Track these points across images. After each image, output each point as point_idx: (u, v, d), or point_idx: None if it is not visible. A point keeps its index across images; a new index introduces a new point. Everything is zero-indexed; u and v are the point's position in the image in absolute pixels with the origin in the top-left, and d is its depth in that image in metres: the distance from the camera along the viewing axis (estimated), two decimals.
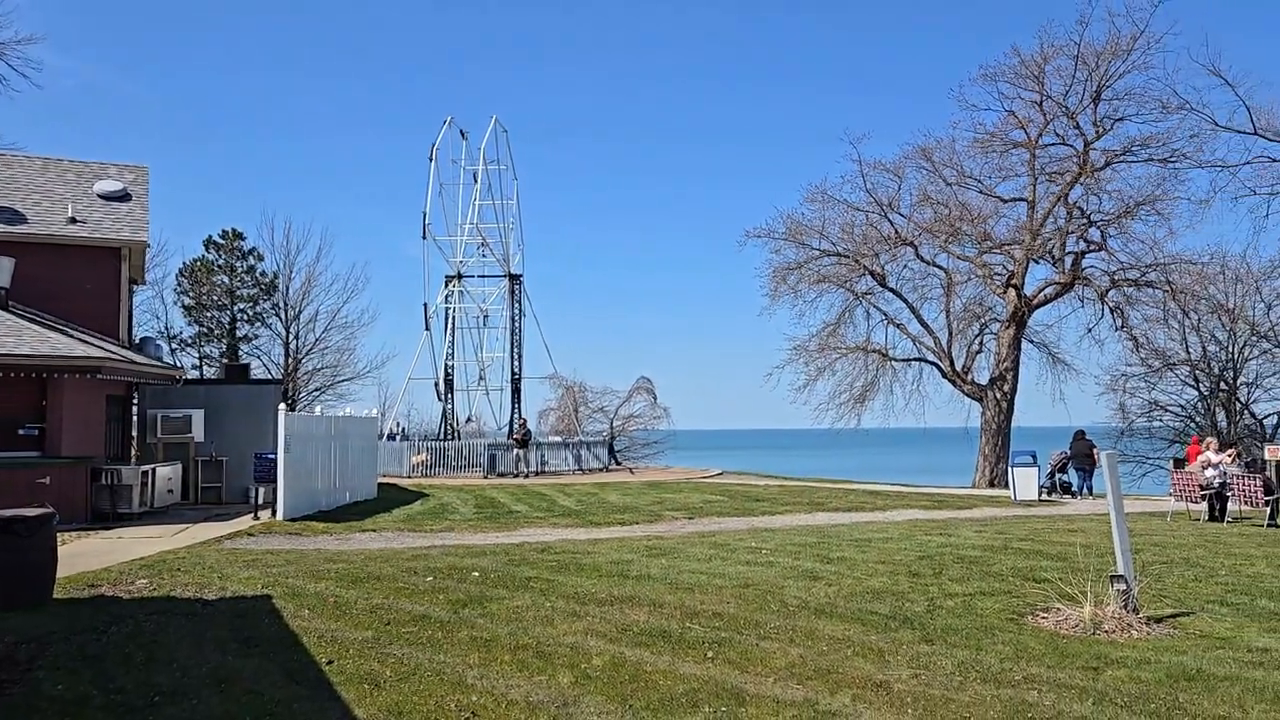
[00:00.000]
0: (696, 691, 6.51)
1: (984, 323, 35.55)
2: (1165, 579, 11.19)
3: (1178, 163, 31.21)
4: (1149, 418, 33.76)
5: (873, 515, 19.02)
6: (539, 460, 33.89)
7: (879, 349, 35.59)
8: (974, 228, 33.33)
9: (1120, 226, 32.13)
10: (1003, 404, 32.93)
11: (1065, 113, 31.95)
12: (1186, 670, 7.24)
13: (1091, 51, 30.93)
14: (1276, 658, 7.66)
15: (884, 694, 6.55)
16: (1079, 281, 32.72)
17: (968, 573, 11.55)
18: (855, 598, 9.94)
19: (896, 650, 7.77)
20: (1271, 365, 31.38)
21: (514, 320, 39.75)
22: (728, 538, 15.01)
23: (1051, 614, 9.13)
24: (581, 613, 9.02)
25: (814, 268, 35.56)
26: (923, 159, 34.41)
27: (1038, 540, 14.65)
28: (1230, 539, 15.14)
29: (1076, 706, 6.34)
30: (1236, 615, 9.27)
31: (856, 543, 14.34)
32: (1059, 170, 32.95)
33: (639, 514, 19.03)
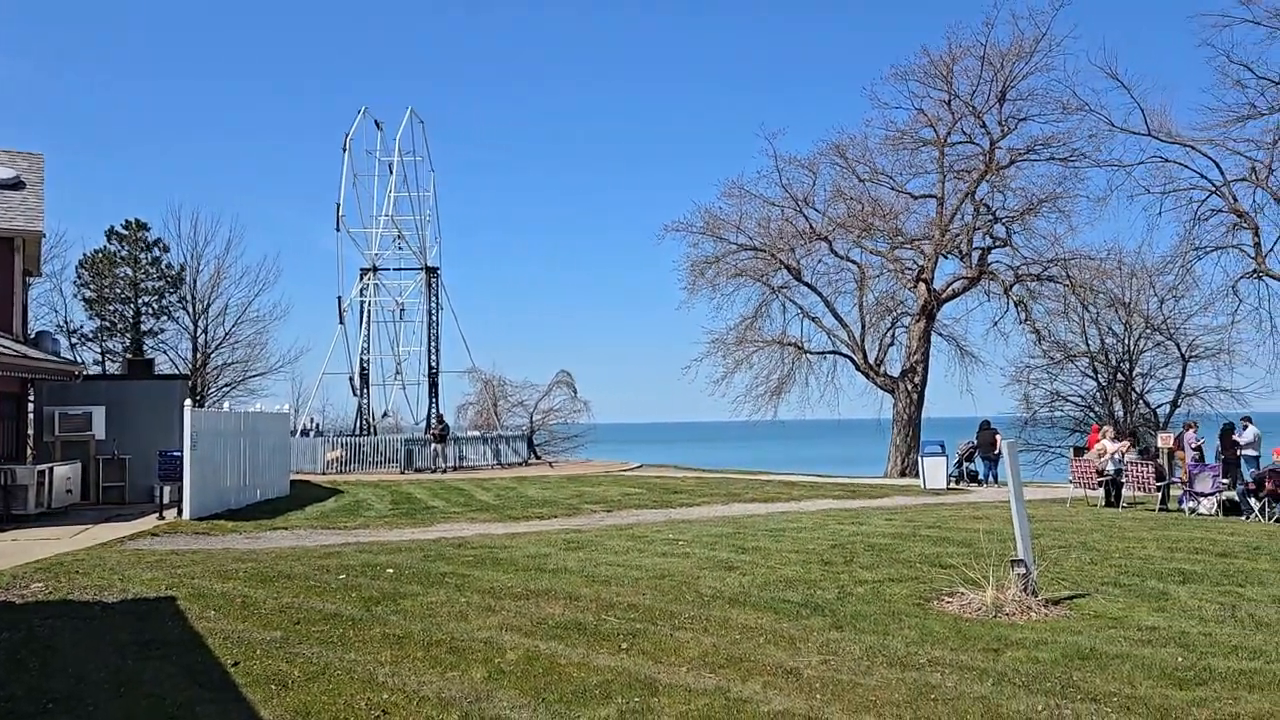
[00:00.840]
0: (610, 683, 6.56)
1: (896, 316, 36.42)
2: (1063, 562, 11.63)
3: (1077, 162, 32.46)
4: (1051, 408, 34.99)
5: (788, 505, 19.33)
6: (457, 455, 33.59)
7: (795, 342, 36.18)
8: (886, 223, 34.08)
9: (1024, 223, 33.27)
10: (913, 395, 33.78)
11: (972, 112, 32.88)
12: (1081, 649, 7.55)
13: (997, 53, 31.93)
14: (1164, 635, 8.04)
15: (794, 680, 6.69)
16: (985, 276, 33.74)
17: (877, 560, 11.84)
18: (769, 587, 10.10)
19: (807, 637, 7.93)
20: (1164, 357, 32.86)
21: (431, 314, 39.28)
22: (645, 530, 15.10)
23: (956, 598, 9.42)
24: (497, 607, 8.99)
25: (731, 261, 35.95)
26: (837, 155, 35.08)
27: (945, 527, 15.08)
28: (1124, 523, 15.82)
29: (977, 687, 6.56)
30: (1128, 596, 9.69)
31: (771, 533, 14.57)
32: (966, 168, 33.91)
33: (557, 508, 19.01)
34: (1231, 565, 11.42)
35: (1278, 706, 6.14)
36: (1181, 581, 10.39)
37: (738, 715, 5.91)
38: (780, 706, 6.08)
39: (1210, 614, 8.82)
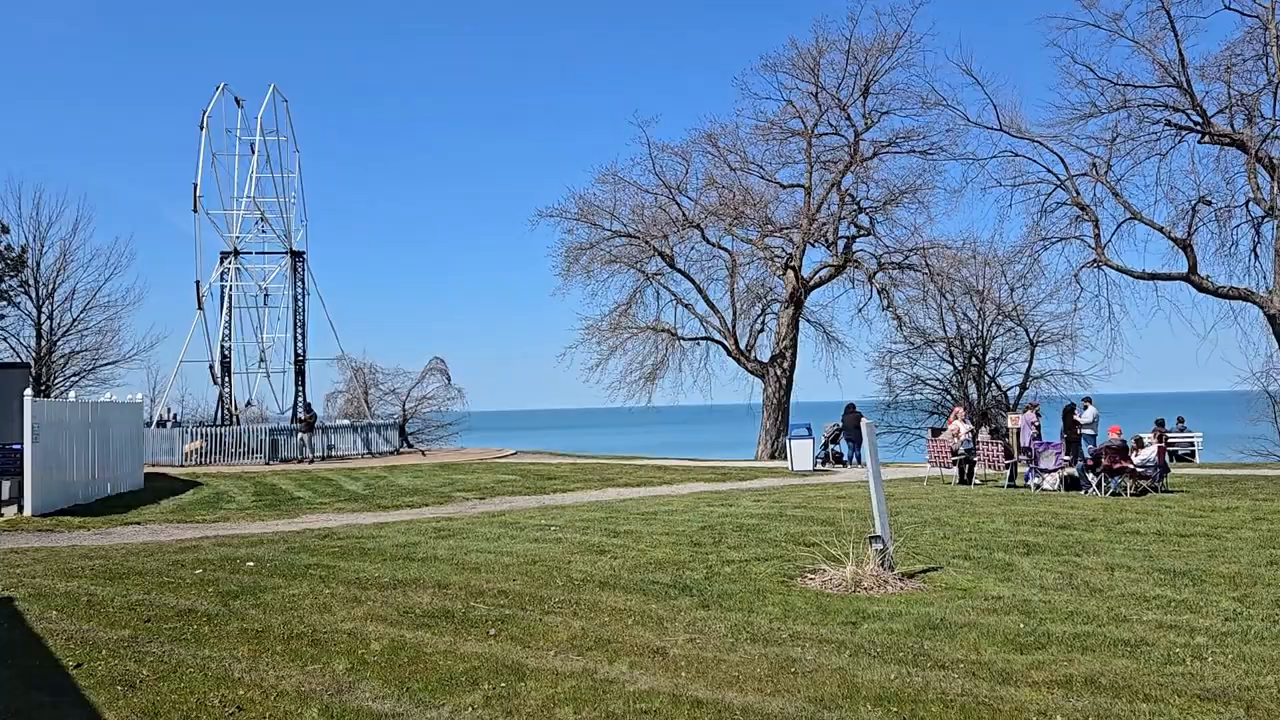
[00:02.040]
0: (477, 669, 6.52)
1: (766, 303, 37.19)
2: (919, 538, 12.17)
3: (935, 155, 33.81)
4: (912, 391, 36.34)
5: (660, 489, 19.58)
6: (325, 445, 32.68)
7: (668, 328, 36.52)
8: (756, 212, 34.74)
9: (886, 213, 34.51)
10: (783, 380, 34.62)
11: (838, 104, 33.82)
12: (932, 620, 7.92)
13: (861, 48, 32.91)
14: (1008, 604, 8.51)
15: (660, 659, 6.79)
16: (850, 264, 34.83)
17: (745, 540, 12.12)
18: (639, 569, 10.22)
19: (675, 617, 8.07)
20: (1014, 342, 34.59)
21: (297, 299, 38.01)
22: (518, 516, 15.05)
23: (818, 575, 9.74)
24: (362, 598, 8.81)
25: (606, 248, 35.99)
26: (709, 144, 35.53)
27: (810, 507, 15.56)
28: (976, 500, 16.65)
29: (835, 659, 6.81)
30: (977, 568, 10.22)
31: (643, 516, 14.73)
32: (833, 159, 34.86)
33: (429, 496, 18.75)
34: (1070, 536, 12.16)
35: (1107, 666, 6.59)
36: (1025, 553, 11.01)
37: (603, 696, 5.97)
38: (646, 685, 6.17)
39: (1050, 583, 9.38)
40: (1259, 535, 12.06)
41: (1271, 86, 28.61)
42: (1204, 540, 11.74)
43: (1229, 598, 8.60)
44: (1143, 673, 6.44)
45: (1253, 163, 28.79)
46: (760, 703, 5.85)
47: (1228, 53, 29.35)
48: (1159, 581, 9.33)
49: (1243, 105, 29.25)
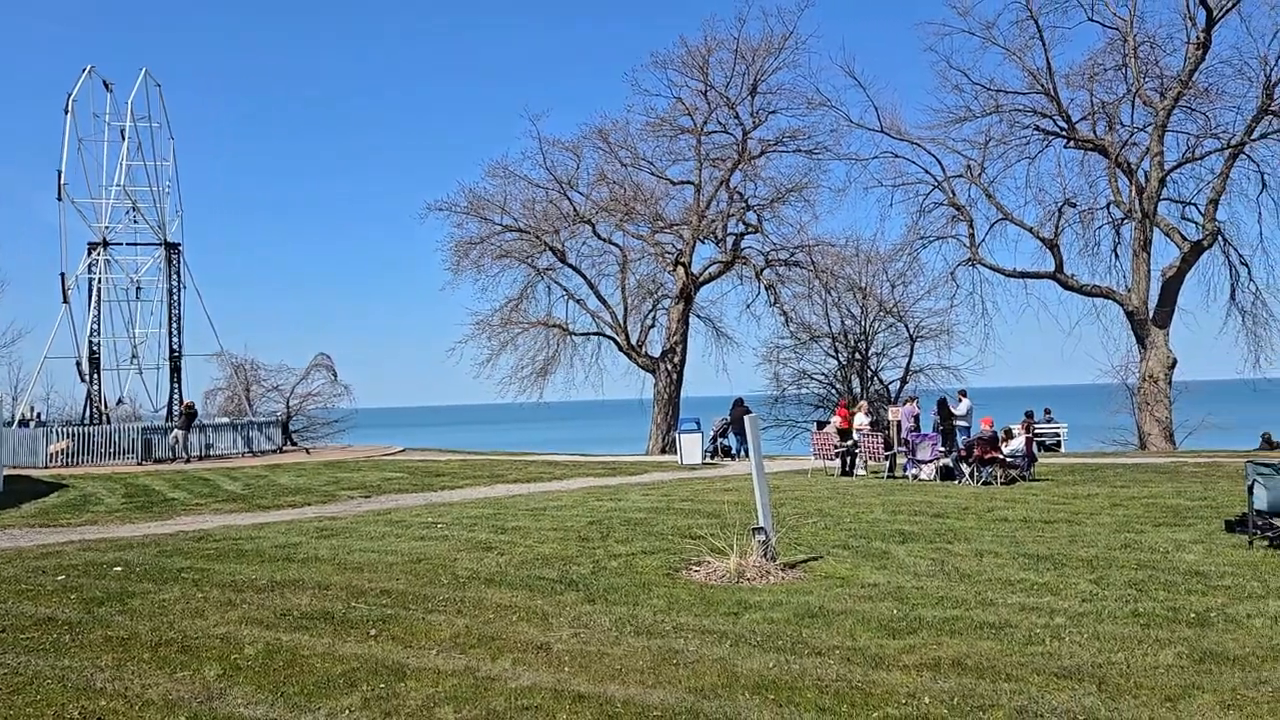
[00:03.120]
0: (356, 671, 6.40)
1: (657, 299, 37.49)
2: (801, 528, 12.48)
3: (820, 154, 34.70)
4: (798, 385, 37.16)
5: (550, 485, 19.54)
6: (203, 444, 31.45)
7: (560, 324, 36.46)
8: (647, 208, 34.97)
9: (773, 211, 35.21)
10: (673, 375, 34.97)
11: (727, 103, 34.30)
12: (811, 608, 8.14)
13: (749, 47, 33.47)
14: (883, 591, 8.80)
15: (544, 655, 6.80)
16: (739, 261, 35.40)
17: (632, 534, 12.21)
18: (526, 565, 10.19)
19: (560, 612, 8.08)
20: (895, 337, 35.77)
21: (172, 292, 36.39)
22: (404, 514, 14.81)
23: (703, 567, 9.89)
24: (237, 601, 8.54)
25: (496, 242, 35.69)
26: (600, 139, 35.58)
27: (697, 500, 15.76)
28: (857, 490, 17.15)
29: (716, 649, 6.93)
30: (855, 557, 10.54)
31: (532, 512, 14.68)
32: (721, 156, 35.35)
33: (312, 495, 18.26)
34: (944, 525, 12.66)
35: (973, 648, 6.89)
36: (901, 541, 11.41)
37: (485, 693, 5.94)
38: (528, 682, 6.17)
39: (923, 569, 9.75)
40: (1115, 520, 12.78)
41: (1130, 95, 30.32)
42: (1066, 526, 12.38)
43: (1086, 580, 9.09)
44: (1005, 653, 6.75)
45: (1113, 167, 30.46)
46: (641, 695, 5.92)
47: (1091, 62, 31.03)
48: (1023, 566, 9.80)
49: (1104, 113, 30.93)
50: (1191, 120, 30.76)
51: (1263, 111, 28.18)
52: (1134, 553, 10.40)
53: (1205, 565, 9.62)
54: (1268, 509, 10.72)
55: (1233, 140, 29.13)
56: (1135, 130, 30.99)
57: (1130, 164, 30.26)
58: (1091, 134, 30.94)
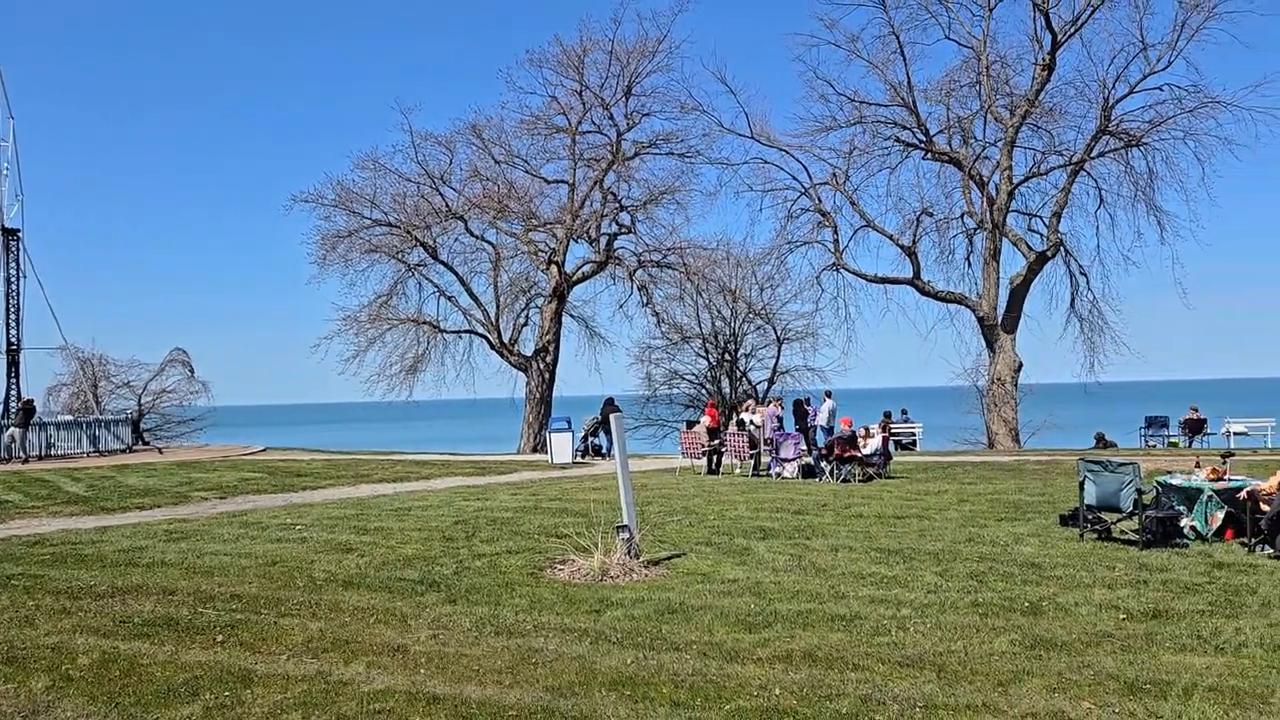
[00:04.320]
0: (199, 679, 6.16)
1: (530, 297, 37.28)
2: (666, 526, 12.65)
3: (693, 158, 35.16)
4: (670, 385, 37.62)
5: (417, 485, 19.21)
6: (44, 443, 29.58)
7: (430, 321, 35.83)
8: (521, 206, 34.72)
9: (646, 212, 35.48)
10: (545, 374, 34.86)
11: (601, 103, 34.39)
12: (672, 604, 8.27)
13: (624, 49, 33.63)
14: (742, 586, 9.02)
15: (400, 657, 6.69)
16: (612, 261, 35.56)
17: (498, 534, 12.13)
18: (387, 566, 10.00)
19: (420, 614, 7.97)
20: (763, 339, 36.63)
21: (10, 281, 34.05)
22: (261, 516, 14.31)
23: (567, 566, 9.91)
24: (73, 609, 8.09)
25: (365, 236, 34.78)
26: (474, 135, 35.09)
27: (566, 499, 15.78)
28: (722, 489, 17.50)
29: (576, 647, 6.97)
30: (717, 553, 10.75)
31: (396, 512, 14.41)
32: (596, 157, 35.41)
33: (163, 496, 17.43)
34: (803, 521, 13.04)
35: (824, 640, 7.13)
36: (762, 538, 11.70)
37: (336, 698, 5.81)
38: (382, 685, 6.06)
39: (782, 564, 10.03)
40: (961, 515, 13.44)
41: (983, 111, 31.89)
42: (916, 521, 12.94)
43: (932, 572, 9.52)
44: (854, 644, 7.02)
45: (967, 180, 31.98)
46: (499, 695, 5.90)
47: (948, 79, 32.48)
48: (875, 560, 10.20)
49: (959, 127, 32.42)
50: (1038, 137, 32.61)
51: (1101, 131, 30.11)
52: (977, 546, 10.96)
53: (1040, 557, 10.22)
54: (1097, 503, 11.47)
55: (1074, 157, 31.00)
56: (987, 145, 32.62)
57: (982, 177, 31.81)
58: (948, 147, 32.39)
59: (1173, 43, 28.67)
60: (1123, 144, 30.63)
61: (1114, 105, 29.87)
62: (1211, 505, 11.17)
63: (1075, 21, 29.57)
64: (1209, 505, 11.17)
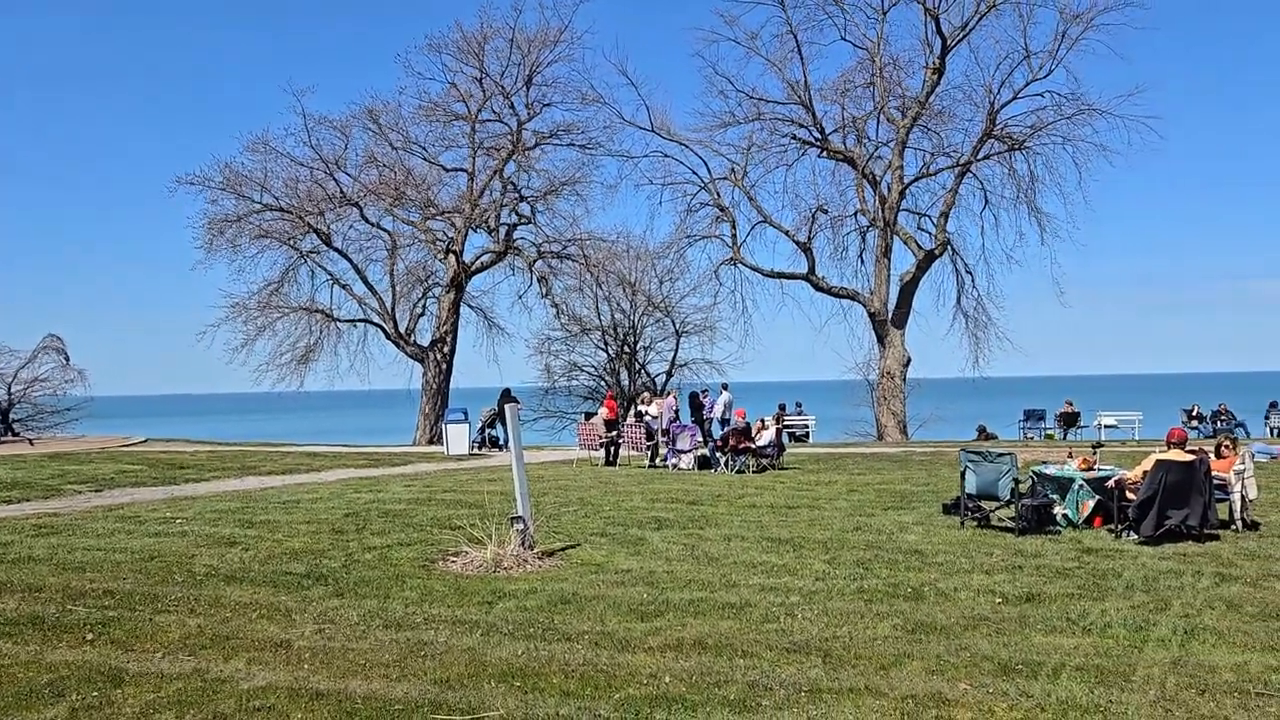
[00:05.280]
0: (65, 679, 5.87)
1: (427, 287, 36.66)
2: (561, 517, 12.63)
3: (594, 150, 35.15)
4: (569, 377, 37.57)
5: (306, 477, 18.72)
6: None
7: (323, 309, 34.91)
8: (418, 193, 34.11)
9: (547, 203, 35.31)
10: (442, 365, 34.38)
11: (502, 92, 34.04)
12: (565, 595, 8.26)
13: (525, 38, 33.34)
14: (635, 576, 9.06)
15: (283, 653, 6.51)
16: (511, 251, 35.28)
17: (389, 526, 11.92)
18: (272, 560, 9.72)
19: (305, 608, 7.77)
20: (662, 331, 36.91)
21: None
22: (140, 509, 13.72)
23: (460, 558, 9.80)
24: None
25: (255, 221, 33.61)
26: (370, 120, 34.27)
27: (461, 491, 15.60)
28: (619, 480, 17.56)
29: (467, 639, 6.90)
30: (612, 544, 10.78)
31: (284, 505, 14.02)
32: (496, 146, 35.05)
33: (32, 490, 16.55)
34: (698, 511, 13.19)
35: (714, 628, 7.22)
36: (657, 528, 11.79)
37: (214, 696, 5.61)
38: (263, 681, 5.89)
39: (675, 554, 10.12)
40: (850, 505, 13.79)
41: (876, 112, 32.73)
42: (807, 511, 13.23)
43: (821, 560, 9.75)
44: (743, 631, 7.13)
45: (860, 178, 32.77)
46: (385, 689, 5.79)
47: (843, 79, 33.24)
48: (766, 549, 10.38)
49: (854, 127, 33.19)
50: (928, 139, 33.68)
51: (987, 135, 31.25)
52: (864, 534, 11.26)
53: (923, 545, 10.56)
54: (977, 493, 11.92)
55: (961, 159, 32.11)
56: (880, 145, 33.52)
57: (875, 176, 32.66)
58: (842, 146, 33.12)
59: (1054, 51, 29.98)
60: (1007, 148, 31.85)
61: (999, 110, 31.05)
62: (1082, 494, 11.72)
63: (964, 27, 30.61)
64: (1080, 494, 11.73)
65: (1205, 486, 10.69)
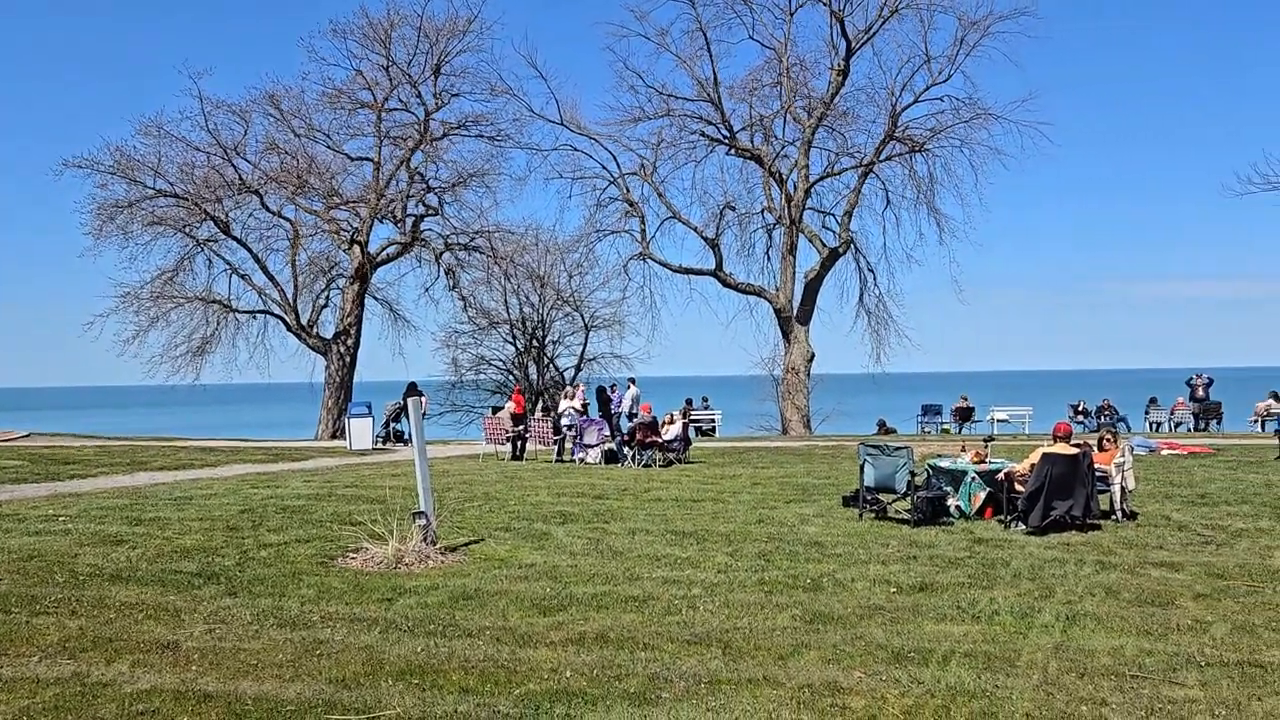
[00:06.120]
0: None
1: (331, 278, 35.85)
2: (466, 512, 12.51)
3: (502, 142, 34.85)
4: (477, 370, 37.20)
5: (201, 472, 18.12)
6: None
7: (221, 299, 33.82)
8: (322, 182, 33.30)
9: (454, 194, 34.88)
10: (346, 358, 33.67)
11: (409, 81, 33.45)
12: (466, 591, 8.18)
13: (433, 26, 32.84)
14: (539, 570, 9.03)
15: (170, 654, 6.29)
16: (418, 243, 34.74)
17: (287, 522, 11.63)
18: (161, 559, 9.38)
19: (196, 608, 7.52)
20: (571, 325, 36.83)
21: None
22: (19, 506, 13.08)
23: (360, 554, 9.61)
24: None
25: (148, 207, 32.32)
26: (271, 106, 33.27)
27: (363, 486, 15.32)
28: (526, 474, 17.48)
29: (364, 637, 6.77)
30: (516, 538, 10.73)
31: (175, 501, 13.54)
32: (403, 135, 34.43)
33: None
34: (603, 505, 13.22)
35: (617, 621, 7.25)
36: (562, 522, 11.77)
37: (94, 701, 5.38)
38: (147, 685, 5.67)
39: (579, 548, 10.12)
40: (754, 498, 14.01)
41: (783, 111, 33.23)
42: (711, 504, 13.38)
43: (724, 553, 9.87)
44: (645, 624, 7.18)
45: (767, 177, 33.25)
46: (277, 690, 5.65)
47: (751, 78, 33.66)
48: (670, 542, 10.46)
49: (761, 125, 33.67)
50: (832, 139, 34.35)
51: (889, 136, 32.03)
52: (766, 527, 11.45)
53: (823, 536, 10.79)
54: (875, 485, 12.22)
55: (864, 160, 32.84)
56: (786, 144, 34.06)
57: (782, 174, 33.16)
58: (750, 144, 33.55)
59: (953, 57, 30.90)
60: (908, 149, 32.68)
61: (901, 112, 31.84)
62: (974, 486, 12.14)
63: (868, 30, 31.31)
64: (972, 486, 12.14)
65: (1088, 479, 11.18)
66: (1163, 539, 10.59)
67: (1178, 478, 16.21)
